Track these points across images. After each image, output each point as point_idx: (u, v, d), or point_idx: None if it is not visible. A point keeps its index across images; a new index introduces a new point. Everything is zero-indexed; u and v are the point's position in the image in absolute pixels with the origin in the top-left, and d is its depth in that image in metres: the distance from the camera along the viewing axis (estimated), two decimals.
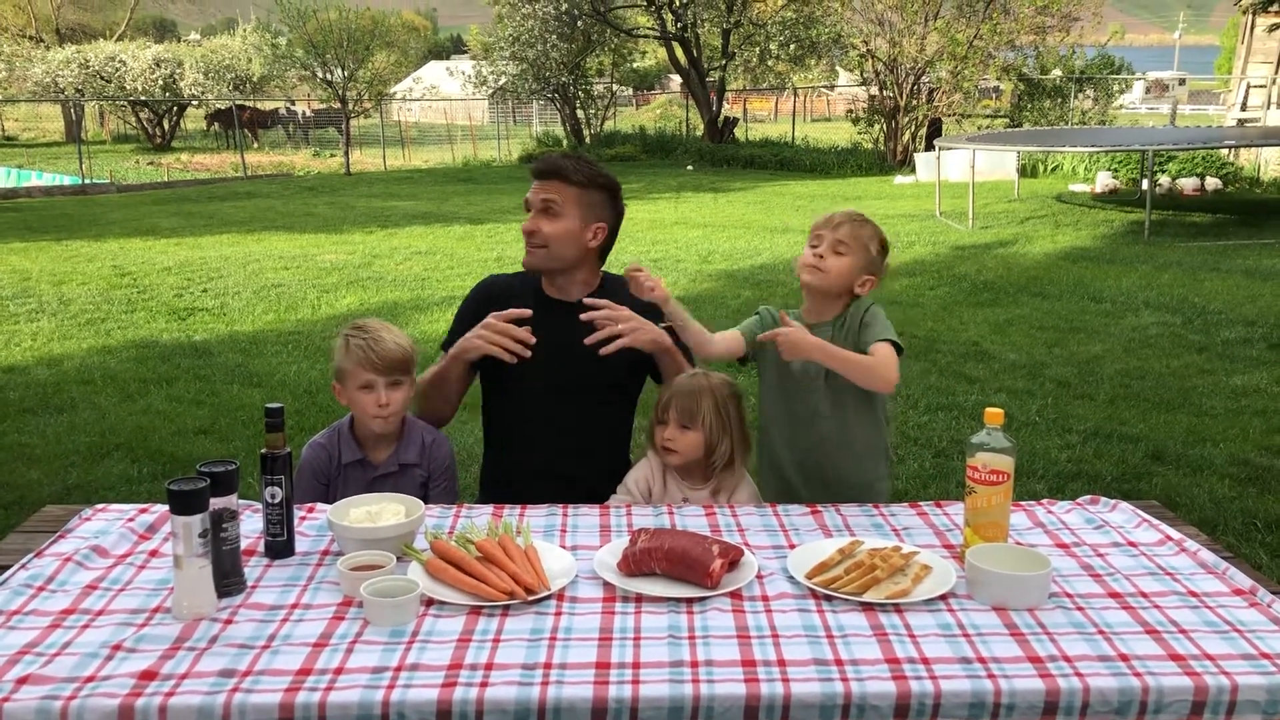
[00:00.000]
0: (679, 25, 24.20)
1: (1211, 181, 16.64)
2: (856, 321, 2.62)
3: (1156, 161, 16.16)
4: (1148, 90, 41.73)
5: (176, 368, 7.06)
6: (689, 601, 2.00)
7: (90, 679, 1.70)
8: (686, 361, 2.90)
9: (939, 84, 21.79)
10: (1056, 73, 23.63)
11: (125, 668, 1.73)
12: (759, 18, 24.50)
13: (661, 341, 2.79)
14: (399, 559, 2.11)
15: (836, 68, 28.50)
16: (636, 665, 1.76)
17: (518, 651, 1.80)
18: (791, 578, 2.10)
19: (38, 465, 5.23)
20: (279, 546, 2.20)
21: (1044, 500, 2.59)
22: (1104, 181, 16.77)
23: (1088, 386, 6.45)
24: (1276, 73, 18.21)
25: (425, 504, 2.52)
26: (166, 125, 32.63)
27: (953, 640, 1.86)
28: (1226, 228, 13.10)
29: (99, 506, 2.47)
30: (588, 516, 2.45)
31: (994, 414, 2.19)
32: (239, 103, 29.30)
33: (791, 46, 24.59)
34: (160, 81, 30.90)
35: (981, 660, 1.79)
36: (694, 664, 1.77)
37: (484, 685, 1.69)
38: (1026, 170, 18.54)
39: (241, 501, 2.28)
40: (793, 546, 2.27)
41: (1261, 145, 15.53)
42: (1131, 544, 2.31)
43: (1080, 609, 1.99)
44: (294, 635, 1.86)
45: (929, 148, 18.97)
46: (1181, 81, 43.87)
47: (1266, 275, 9.91)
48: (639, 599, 2.01)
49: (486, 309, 2.96)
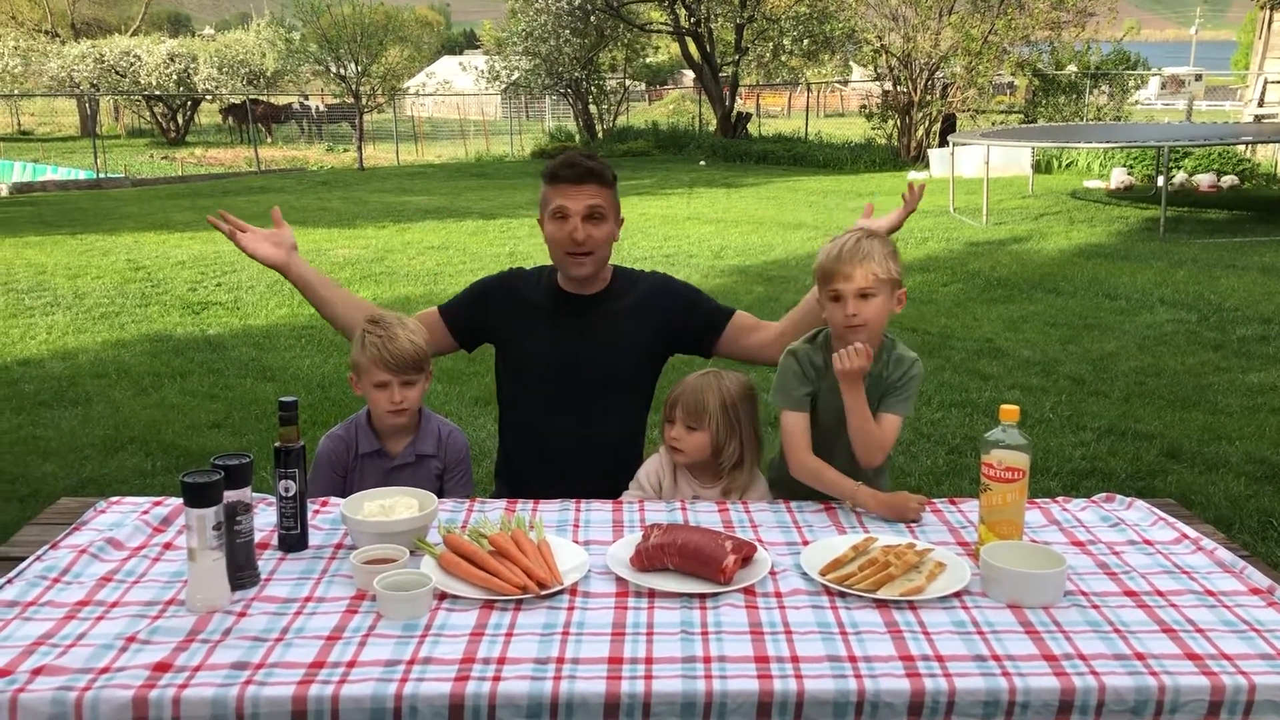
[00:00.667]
0: (692, 20, 24.17)
1: (1228, 178, 16.54)
2: (893, 375, 2.53)
3: (1172, 158, 16.07)
4: (1164, 86, 41.48)
5: (190, 361, 7.08)
6: (702, 597, 1.99)
7: (104, 670, 1.70)
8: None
9: (953, 79, 21.69)
10: (1072, 68, 23.50)
11: (139, 659, 1.73)
12: (772, 12, 24.44)
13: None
14: (412, 553, 2.10)
15: (850, 63, 28.42)
16: (649, 660, 1.76)
17: (530, 646, 1.80)
18: (805, 574, 2.09)
19: (52, 458, 5.26)
20: (292, 540, 2.20)
21: (1059, 498, 2.58)
22: (1119, 178, 16.68)
23: (1102, 384, 6.42)
24: None
25: (441, 496, 2.53)
26: (181, 120, 32.74)
27: (967, 638, 1.85)
28: (1243, 224, 13.02)
29: (114, 499, 2.48)
30: (601, 511, 2.45)
31: (1009, 411, 2.18)
32: (253, 97, 29.37)
33: (805, 41, 24.54)
34: (174, 76, 31.00)
35: (996, 658, 1.78)
36: (707, 660, 1.76)
37: (497, 680, 1.69)
38: (1041, 166, 18.46)
39: (255, 495, 2.28)
40: (806, 543, 2.26)
41: (1279, 141, 15.43)
42: (1148, 542, 2.30)
43: (1096, 607, 1.98)
44: (307, 628, 1.86)
45: (943, 143, 18.91)
46: (1198, 77, 43.61)
47: None
48: (652, 594, 2.01)
49: (502, 291, 3.01)
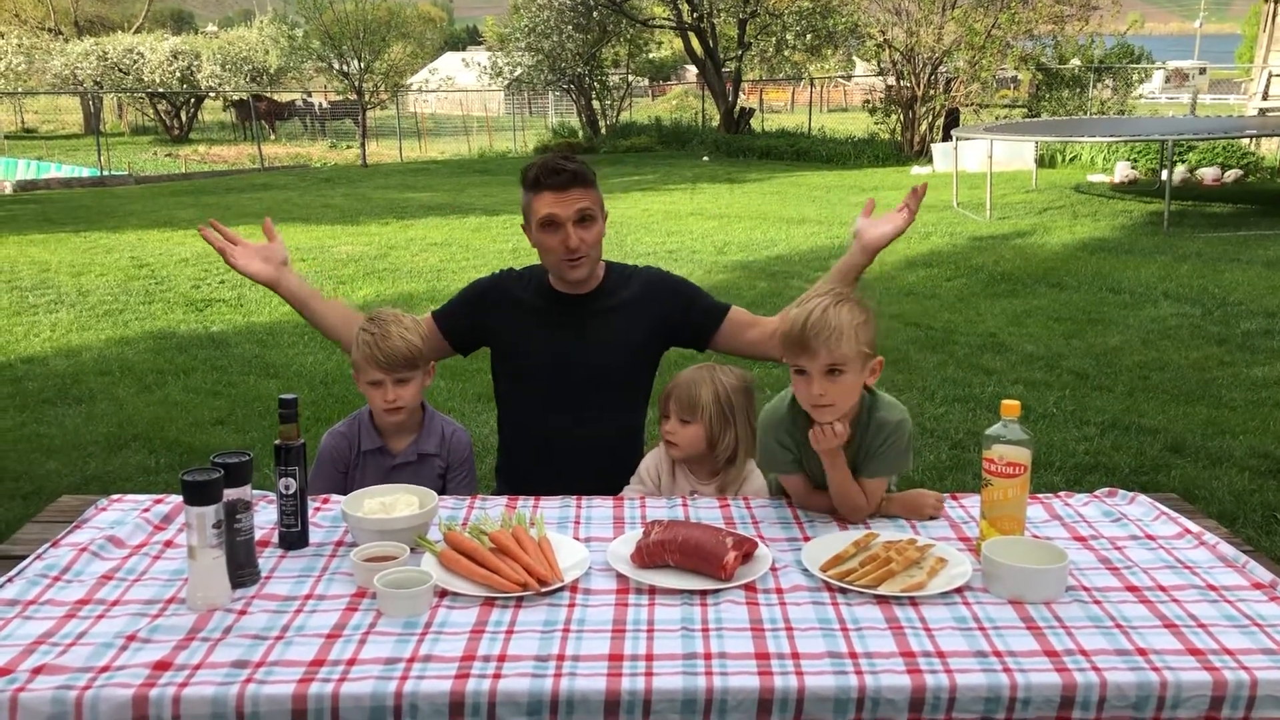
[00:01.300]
0: (695, 15, 24.13)
1: (1232, 172, 16.49)
2: (873, 442, 2.35)
3: (1176, 151, 16.01)
4: (1168, 79, 41.40)
5: (193, 359, 7.09)
6: (703, 594, 1.99)
7: (105, 669, 1.70)
8: None
9: (956, 74, 21.63)
10: (1075, 62, 23.44)
11: (139, 658, 1.74)
12: (775, 7, 24.37)
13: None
14: (413, 550, 2.11)
15: (853, 58, 28.37)
16: (650, 657, 1.76)
17: (531, 643, 1.80)
18: (806, 570, 2.09)
19: (56, 456, 5.26)
20: (293, 537, 2.20)
21: (1061, 493, 2.57)
22: (1123, 172, 16.63)
23: (1106, 378, 6.41)
24: None
25: (443, 494, 2.53)
26: (184, 117, 32.75)
27: (968, 634, 1.85)
28: (1247, 218, 12.98)
29: (114, 497, 2.48)
30: (601, 508, 2.44)
31: (1010, 406, 2.17)
32: (255, 93, 29.37)
33: (808, 36, 24.48)
34: (178, 73, 30.99)
35: (997, 654, 1.78)
36: (707, 656, 1.76)
37: (497, 677, 1.69)
38: (1044, 160, 18.41)
39: (256, 492, 2.28)
40: (807, 539, 2.26)
41: None
42: (1150, 537, 2.29)
43: (1097, 603, 1.97)
44: (307, 626, 1.86)
45: (946, 138, 18.87)
46: (1202, 70, 43.54)
47: None
48: (652, 591, 2.01)
49: (494, 293, 3.00)
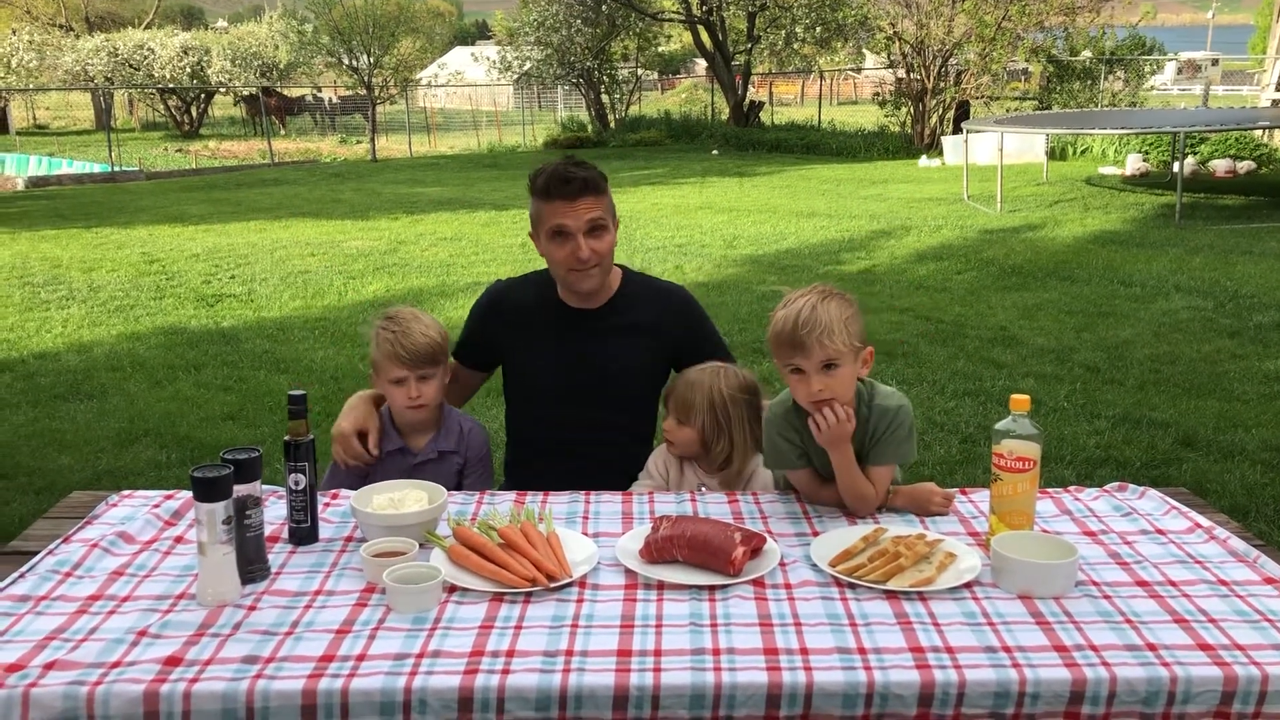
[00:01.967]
0: (704, 8, 24.08)
1: (1244, 163, 16.41)
2: (877, 427, 2.35)
3: (1188, 143, 15.94)
4: (1180, 71, 41.11)
5: (204, 354, 7.11)
6: (711, 589, 1.99)
7: (116, 664, 1.71)
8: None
9: (967, 66, 21.56)
10: (1086, 54, 23.33)
11: (150, 653, 1.74)
12: (784, 1, 24.33)
13: None
14: (422, 545, 2.11)
15: (863, 50, 28.24)
16: (658, 653, 1.76)
17: (539, 639, 1.80)
18: (815, 565, 2.09)
19: (68, 451, 5.29)
20: (303, 533, 2.21)
21: (1071, 487, 2.56)
22: (1134, 164, 16.57)
23: (1117, 372, 6.39)
24: None
25: (460, 490, 2.53)
26: (194, 113, 32.83)
27: (977, 629, 1.84)
28: (1260, 210, 12.92)
29: (125, 493, 2.49)
30: (610, 503, 2.44)
31: (1020, 400, 2.17)
32: (264, 87, 29.40)
33: (817, 29, 24.41)
34: (188, 69, 31.08)
35: (1007, 649, 1.77)
36: (716, 652, 1.76)
37: (506, 673, 1.69)
38: (1055, 153, 18.35)
39: (268, 487, 2.29)
40: (816, 534, 2.26)
41: None
42: (1160, 531, 2.28)
43: (1107, 597, 1.97)
44: (317, 622, 1.87)
45: (956, 130, 18.82)
46: (1214, 62, 43.22)
47: None
48: (661, 586, 2.01)
49: (498, 319, 2.92)
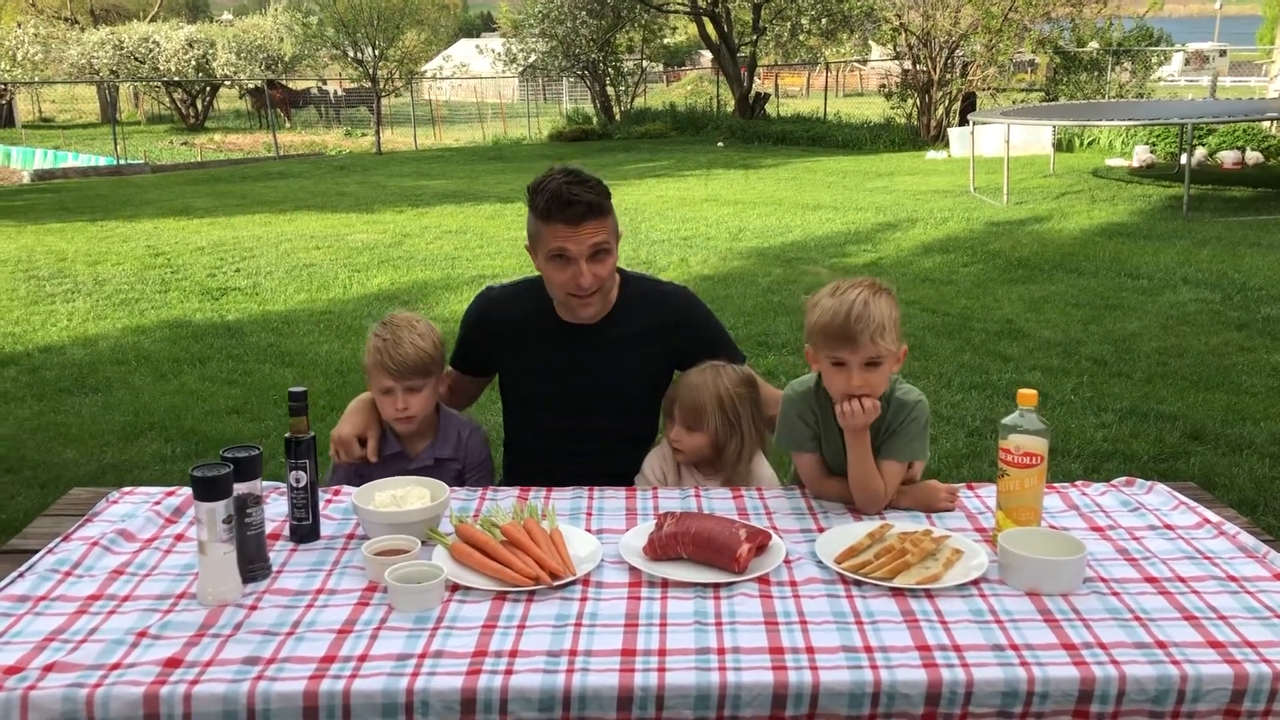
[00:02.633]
0: (709, 0, 24.00)
1: (1252, 155, 16.33)
2: (895, 420, 2.35)
3: (1196, 135, 15.87)
4: (1187, 62, 40.98)
5: (209, 347, 7.10)
6: (716, 587, 1.97)
7: (115, 666, 1.70)
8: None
9: (973, 58, 21.47)
10: (1093, 45, 23.23)
11: (150, 655, 1.73)
12: None
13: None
14: (424, 543, 2.09)
15: (869, 42, 28.23)
16: (662, 652, 1.74)
17: (543, 638, 1.79)
18: (820, 562, 2.07)
19: (73, 445, 5.28)
20: (304, 531, 2.19)
21: (1078, 482, 2.54)
22: (1141, 156, 16.49)
23: (1124, 365, 6.36)
24: None
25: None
26: (200, 105, 32.84)
27: (985, 626, 1.82)
28: (1268, 202, 12.86)
29: (126, 489, 2.48)
30: (613, 500, 2.43)
31: (1027, 395, 2.15)
32: (270, 79, 29.39)
33: (823, 20, 24.38)
34: (193, 62, 31.08)
35: (1014, 647, 1.75)
36: (720, 651, 1.74)
37: (509, 673, 1.68)
38: (1062, 145, 18.27)
39: (269, 484, 2.28)
40: (821, 530, 2.24)
41: None
42: (1168, 527, 2.26)
43: (1116, 594, 1.95)
44: (318, 621, 1.85)
45: (963, 122, 18.74)
46: (1222, 53, 43.10)
47: None
48: (665, 584, 1.99)
49: (490, 331, 2.84)
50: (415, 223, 12.59)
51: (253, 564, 2.00)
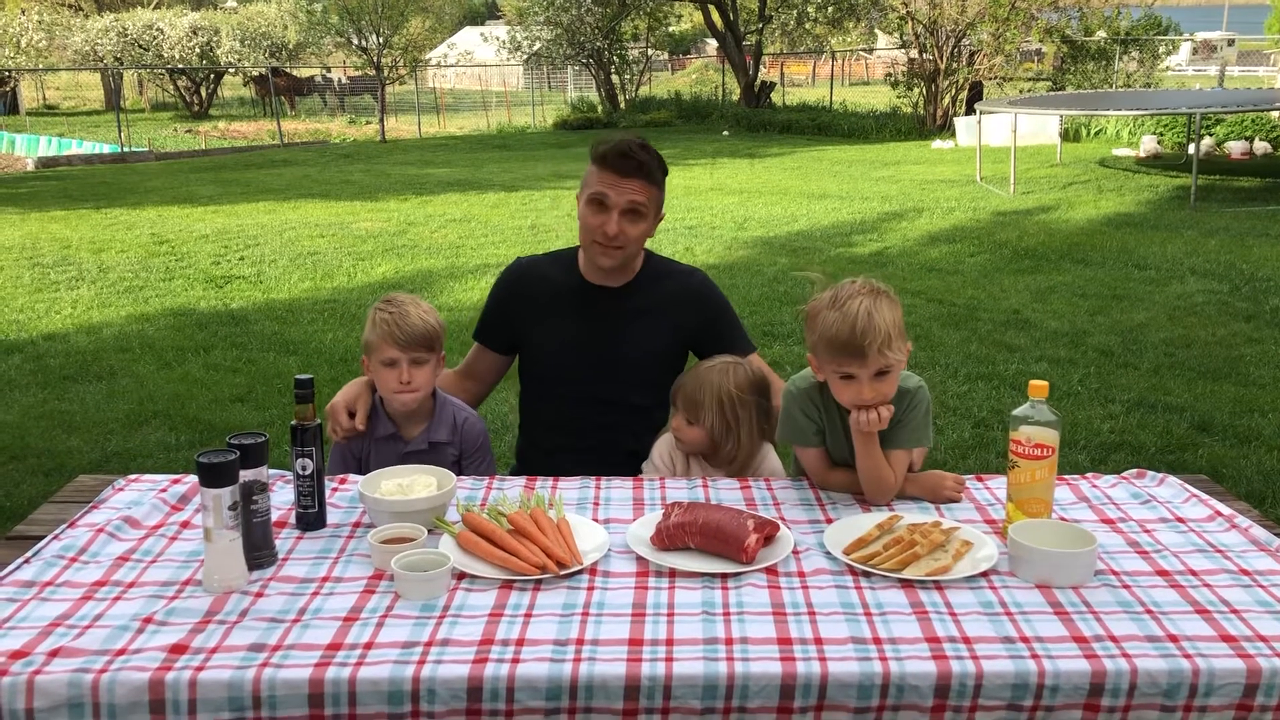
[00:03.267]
0: None
1: (1260, 145, 16.28)
2: (899, 410, 2.30)
3: (1204, 124, 15.81)
4: (1195, 51, 40.73)
5: (213, 335, 7.10)
6: (724, 577, 1.96)
7: (121, 652, 1.69)
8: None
9: (980, 46, 21.38)
10: (1101, 34, 23.14)
11: (156, 641, 1.72)
12: None
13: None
14: (430, 532, 2.08)
15: (875, 30, 28.10)
16: (670, 642, 1.73)
17: (550, 627, 1.78)
18: (829, 553, 2.06)
19: (77, 433, 5.28)
20: (310, 518, 2.18)
21: (1089, 474, 2.53)
22: (1149, 146, 16.44)
23: (1131, 355, 6.33)
24: None
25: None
26: (204, 93, 32.79)
27: (995, 619, 1.81)
28: (1276, 192, 12.82)
29: (132, 477, 2.47)
30: (621, 489, 2.42)
31: (1038, 386, 2.13)
32: (274, 67, 29.34)
33: (829, 9, 24.31)
34: (197, 49, 31.01)
35: (1025, 640, 1.74)
36: (728, 641, 1.73)
37: (515, 661, 1.67)
38: (1069, 134, 18.22)
39: (275, 471, 2.26)
40: (830, 521, 2.23)
41: None
42: (1180, 520, 2.25)
43: (1127, 587, 1.93)
44: (324, 609, 1.84)
45: (969, 111, 18.68)
46: (1230, 42, 42.83)
47: None
48: (673, 574, 1.98)
49: (518, 297, 2.93)
50: (419, 211, 12.58)
51: (258, 551, 1.99)
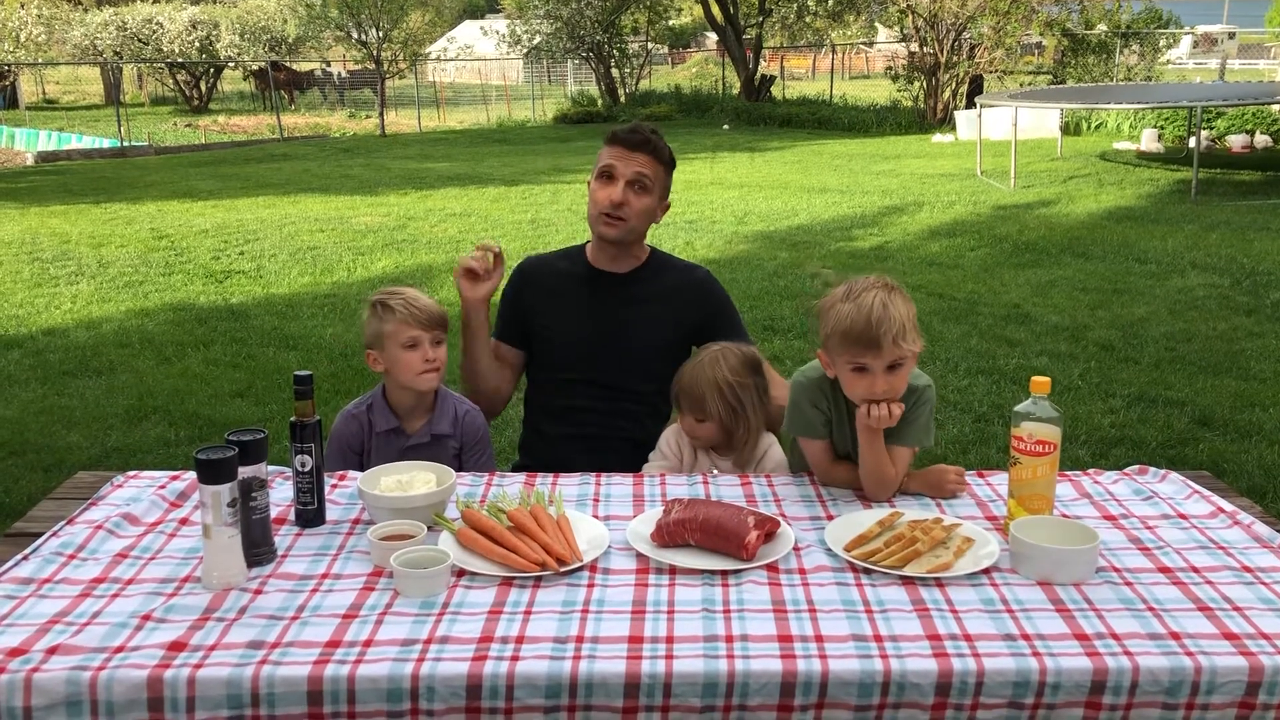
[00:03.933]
0: None
1: (1261, 138, 16.26)
2: (907, 406, 2.29)
3: (1204, 118, 15.79)
4: (1196, 45, 40.72)
5: (213, 330, 7.09)
6: (724, 574, 1.95)
7: (119, 649, 1.68)
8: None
9: (980, 40, 21.35)
10: (1101, 27, 23.11)
11: (154, 638, 1.72)
12: None
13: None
14: (430, 528, 2.08)
15: (875, 24, 28.07)
16: (670, 639, 1.73)
17: (549, 624, 1.77)
18: (829, 550, 2.05)
19: (77, 428, 5.28)
20: (309, 515, 2.17)
21: (1091, 470, 2.52)
22: (1149, 139, 16.42)
23: (1132, 350, 6.33)
24: None
25: (460, 473, 2.49)
26: (203, 87, 32.73)
27: (996, 616, 1.80)
28: (1277, 186, 12.80)
29: (130, 473, 2.46)
30: (621, 486, 2.41)
31: (1040, 382, 2.12)
32: (274, 61, 29.30)
33: (829, 2, 24.24)
34: (196, 43, 30.95)
35: (1026, 637, 1.73)
36: (729, 639, 1.73)
37: (515, 659, 1.66)
38: (1070, 128, 18.19)
39: (274, 468, 2.26)
40: (831, 517, 2.22)
41: None
42: (1182, 516, 2.24)
43: (1129, 584, 1.93)
44: (323, 606, 1.84)
45: (970, 105, 18.65)
46: (1231, 35, 42.83)
47: None
48: (673, 571, 1.97)
49: (529, 286, 3.00)
50: (419, 205, 12.56)
51: (257, 548, 1.98)
